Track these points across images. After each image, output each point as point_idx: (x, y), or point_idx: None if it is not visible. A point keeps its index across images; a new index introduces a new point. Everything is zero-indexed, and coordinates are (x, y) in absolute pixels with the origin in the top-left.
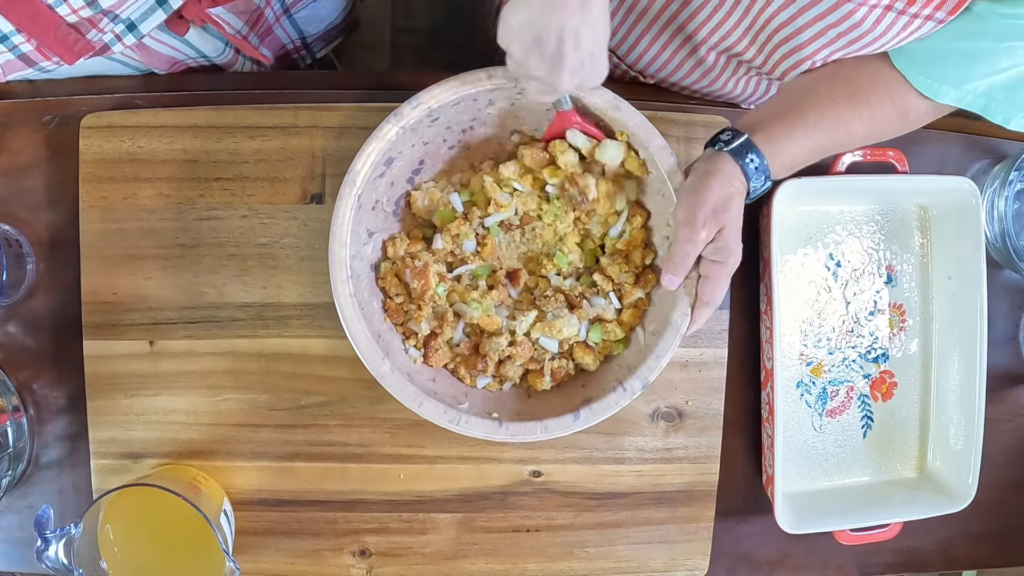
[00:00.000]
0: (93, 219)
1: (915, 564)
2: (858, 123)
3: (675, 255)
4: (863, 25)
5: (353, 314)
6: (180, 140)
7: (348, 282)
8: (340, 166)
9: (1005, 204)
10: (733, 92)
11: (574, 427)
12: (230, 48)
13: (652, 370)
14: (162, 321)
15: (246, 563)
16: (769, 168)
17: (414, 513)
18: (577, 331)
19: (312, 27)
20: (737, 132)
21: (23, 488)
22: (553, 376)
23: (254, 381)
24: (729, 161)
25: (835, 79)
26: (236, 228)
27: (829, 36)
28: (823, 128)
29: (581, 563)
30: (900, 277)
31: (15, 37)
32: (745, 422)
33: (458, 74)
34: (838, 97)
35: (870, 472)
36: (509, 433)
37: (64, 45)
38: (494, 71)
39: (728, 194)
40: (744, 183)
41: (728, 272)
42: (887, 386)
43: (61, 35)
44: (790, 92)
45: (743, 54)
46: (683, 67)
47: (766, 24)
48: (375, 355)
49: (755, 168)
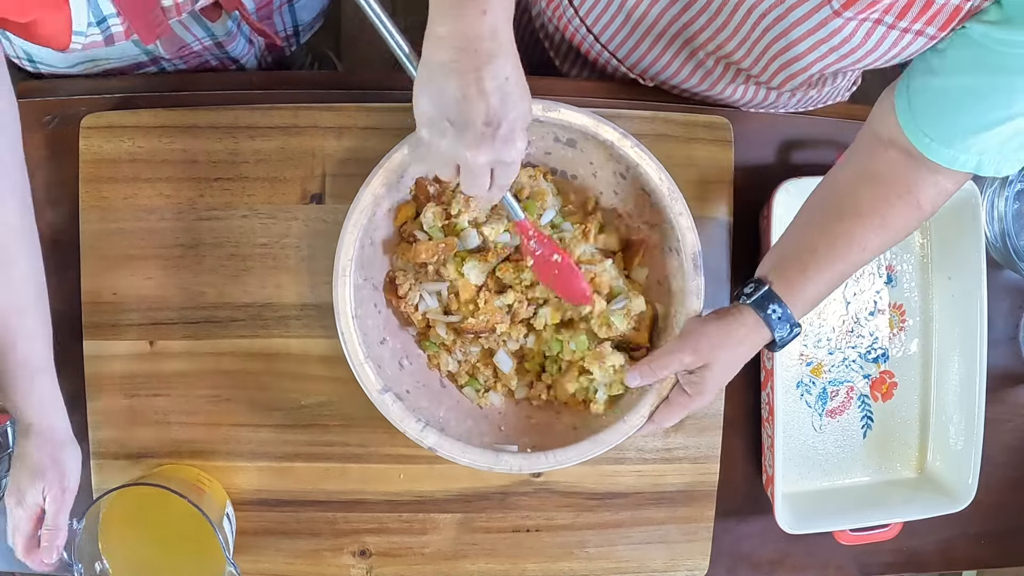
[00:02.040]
0: (93, 219)
1: (915, 564)
2: (872, 235)
3: (654, 360)
4: (853, 39)
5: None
6: (180, 140)
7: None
8: (340, 166)
9: (1005, 204)
10: (733, 97)
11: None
12: (234, 25)
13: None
14: (162, 321)
15: (246, 563)
16: (792, 315)
17: (414, 513)
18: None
19: (306, 14)
20: (759, 283)
21: None
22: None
23: (254, 381)
24: (751, 313)
25: (838, 196)
26: (236, 228)
27: (822, 50)
28: (837, 257)
29: (581, 563)
30: (900, 277)
31: (111, 19)
32: (745, 422)
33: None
34: (846, 216)
35: (870, 472)
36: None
37: (150, 26)
38: (408, 147)
39: (736, 346)
40: (767, 335)
41: (688, 408)
42: (887, 386)
43: (152, 17)
44: (798, 226)
45: (741, 62)
46: (683, 71)
47: (762, 36)
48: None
49: (777, 318)
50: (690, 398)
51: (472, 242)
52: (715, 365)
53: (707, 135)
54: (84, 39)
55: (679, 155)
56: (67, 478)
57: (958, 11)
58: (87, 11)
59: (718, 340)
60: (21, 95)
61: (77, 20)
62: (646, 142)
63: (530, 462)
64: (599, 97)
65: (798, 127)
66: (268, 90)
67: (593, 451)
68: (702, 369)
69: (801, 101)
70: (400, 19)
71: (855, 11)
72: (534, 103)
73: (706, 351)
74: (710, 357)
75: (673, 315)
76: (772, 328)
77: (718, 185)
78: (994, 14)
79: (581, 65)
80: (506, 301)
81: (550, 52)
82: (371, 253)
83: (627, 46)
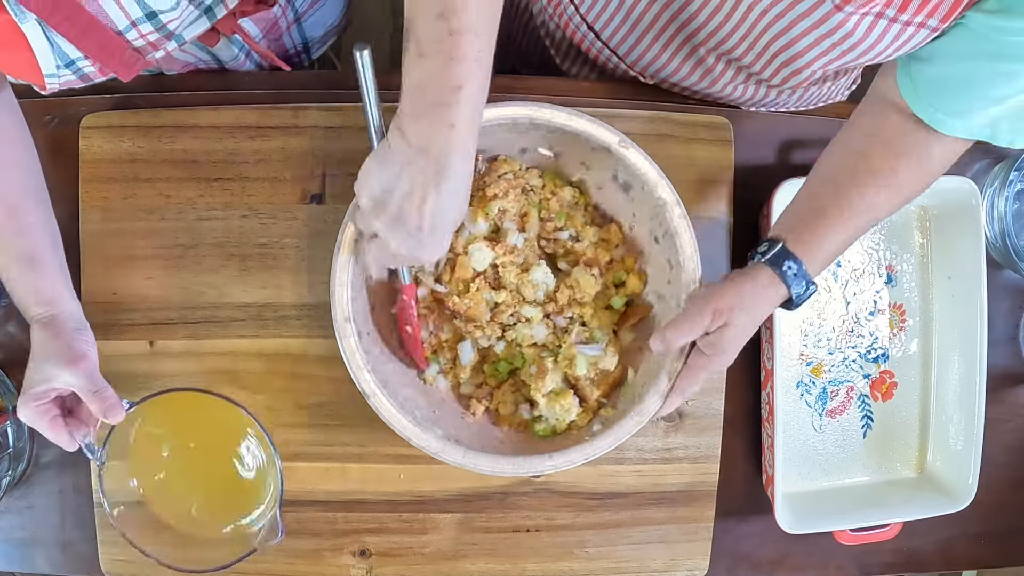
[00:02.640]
0: (93, 219)
1: (915, 564)
2: (884, 195)
3: (674, 325)
4: (855, 34)
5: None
6: (180, 140)
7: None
8: (340, 166)
9: (1005, 204)
10: (733, 95)
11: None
12: (242, 53)
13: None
14: (162, 321)
15: (246, 563)
16: (808, 273)
17: (414, 513)
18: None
19: (316, 31)
20: (773, 241)
21: (23, 488)
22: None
23: (254, 381)
24: (766, 271)
25: (850, 156)
26: (236, 228)
27: (824, 46)
28: (851, 215)
29: (581, 563)
30: (900, 277)
31: (80, 62)
32: (745, 422)
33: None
34: (858, 173)
35: (870, 472)
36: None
37: (126, 65)
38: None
39: (753, 306)
40: (783, 292)
41: (709, 369)
42: (887, 386)
43: (126, 58)
44: (812, 185)
45: (742, 59)
46: (683, 68)
47: (763, 32)
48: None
49: (793, 275)
50: (709, 359)
51: (481, 226)
52: (733, 325)
53: (707, 135)
54: (58, 80)
55: (679, 155)
56: (94, 354)
57: (959, 2)
58: (52, 55)
59: (735, 300)
60: (21, 95)
61: (44, 64)
62: (647, 142)
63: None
64: (599, 97)
65: (798, 127)
66: (268, 90)
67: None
68: (721, 329)
69: (802, 99)
70: (400, 18)
71: (856, 6)
72: (611, 132)
73: (724, 312)
74: (728, 317)
75: (640, 384)
76: (788, 285)
77: (718, 185)
78: (993, 3)
79: (582, 63)
80: (496, 299)
81: (551, 50)
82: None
83: (628, 43)
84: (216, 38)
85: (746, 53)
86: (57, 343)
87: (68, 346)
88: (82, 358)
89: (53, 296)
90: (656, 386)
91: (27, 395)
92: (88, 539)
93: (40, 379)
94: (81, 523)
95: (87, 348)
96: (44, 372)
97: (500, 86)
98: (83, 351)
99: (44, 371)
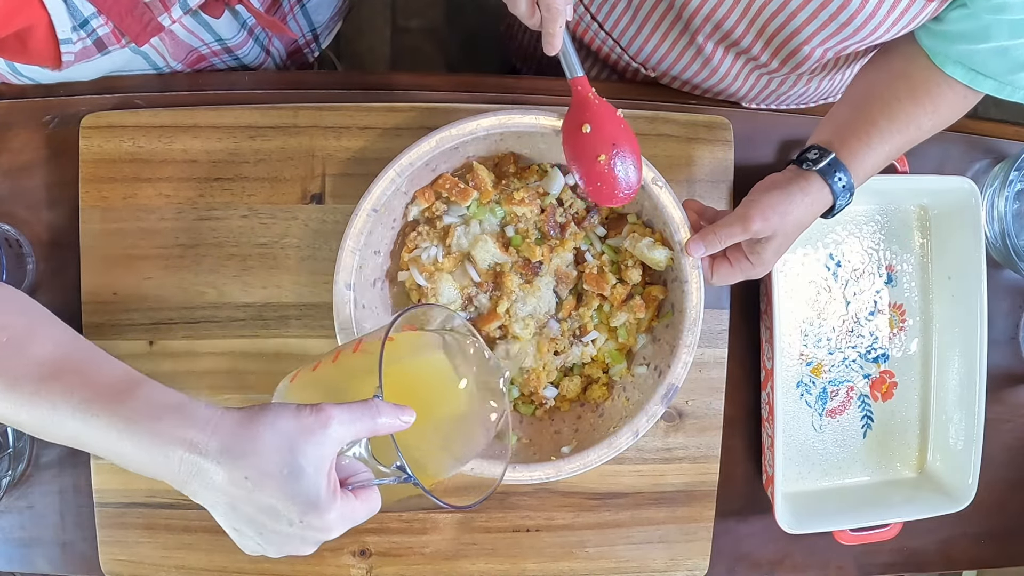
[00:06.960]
0: (93, 219)
1: (915, 564)
2: (925, 117)
3: (719, 227)
4: (851, 4)
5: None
6: (180, 140)
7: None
8: (340, 166)
9: (1005, 204)
10: (732, 87)
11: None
12: (244, 31)
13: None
14: (162, 321)
15: (245, 563)
16: (854, 184)
17: (414, 513)
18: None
19: (320, 15)
20: (824, 151)
21: (23, 488)
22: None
23: (254, 381)
24: (818, 180)
25: (892, 78)
26: (236, 228)
27: (822, 18)
28: (895, 131)
29: (581, 563)
30: (900, 277)
31: (94, 21)
32: (745, 422)
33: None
34: (901, 96)
35: (870, 472)
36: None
37: (140, 24)
38: None
39: (801, 216)
40: (828, 201)
41: (744, 274)
42: (887, 386)
43: (137, 13)
44: (853, 99)
45: (740, 42)
46: (683, 58)
47: (762, 9)
48: None
49: (842, 187)
50: (752, 267)
51: (491, 222)
52: (779, 235)
53: (707, 135)
54: (73, 47)
55: (679, 155)
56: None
57: None
58: (67, 14)
59: (785, 208)
60: (21, 95)
61: (60, 24)
62: (647, 142)
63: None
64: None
65: (798, 127)
66: (268, 90)
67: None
68: (767, 239)
69: (803, 96)
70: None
71: None
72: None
73: (775, 220)
74: (777, 226)
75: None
76: (836, 196)
77: (718, 185)
78: None
79: (585, 56)
80: (469, 292)
81: None
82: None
83: (629, 32)
84: (220, 9)
85: (744, 34)
86: (248, 431)
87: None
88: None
89: (130, 382)
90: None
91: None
92: (88, 539)
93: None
94: (81, 523)
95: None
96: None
97: (500, 86)
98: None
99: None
